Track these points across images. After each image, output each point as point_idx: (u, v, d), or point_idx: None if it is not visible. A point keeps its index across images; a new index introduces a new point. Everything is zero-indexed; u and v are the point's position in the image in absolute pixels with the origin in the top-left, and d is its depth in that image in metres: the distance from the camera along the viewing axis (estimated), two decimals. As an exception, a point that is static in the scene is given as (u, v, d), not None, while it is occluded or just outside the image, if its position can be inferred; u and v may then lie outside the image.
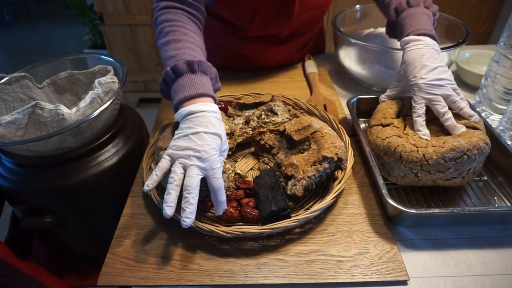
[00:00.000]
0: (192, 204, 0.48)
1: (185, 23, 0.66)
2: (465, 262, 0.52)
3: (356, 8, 1.05)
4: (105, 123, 0.70)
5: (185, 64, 0.57)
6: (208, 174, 0.51)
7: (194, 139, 0.52)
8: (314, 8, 0.89)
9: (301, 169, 0.57)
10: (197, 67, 0.58)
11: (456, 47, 0.82)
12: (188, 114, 0.55)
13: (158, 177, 0.52)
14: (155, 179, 0.51)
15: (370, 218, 0.58)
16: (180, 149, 0.52)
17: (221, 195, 0.51)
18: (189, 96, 0.56)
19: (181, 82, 0.57)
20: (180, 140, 0.53)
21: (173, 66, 0.57)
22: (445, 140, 0.56)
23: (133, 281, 0.50)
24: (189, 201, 0.48)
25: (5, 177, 0.66)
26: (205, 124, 0.53)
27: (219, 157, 0.53)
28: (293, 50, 1.03)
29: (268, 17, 0.85)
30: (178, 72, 0.57)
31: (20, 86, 0.73)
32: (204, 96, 0.57)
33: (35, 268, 0.76)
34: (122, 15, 2.03)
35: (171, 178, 0.50)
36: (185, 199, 0.49)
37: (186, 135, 0.53)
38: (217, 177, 0.51)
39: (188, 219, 0.48)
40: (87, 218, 0.74)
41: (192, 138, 0.52)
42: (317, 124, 0.64)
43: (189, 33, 0.65)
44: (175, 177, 0.50)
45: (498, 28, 2.17)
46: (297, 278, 0.50)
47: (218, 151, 0.53)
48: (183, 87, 0.57)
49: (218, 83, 0.64)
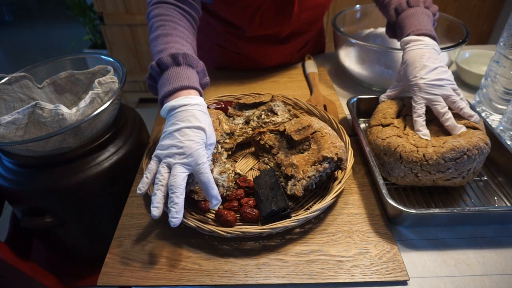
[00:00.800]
0: (178, 203, 0.48)
1: (176, 18, 0.65)
2: (465, 262, 0.52)
3: (356, 8, 1.05)
4: (105, 123, 0.70)
5: (169, 57, 0.56)
6: (194, 170, 0.50)
7: (177, 136, 0.51)
8: (314, 8, 0.89)
9: (301, 169, 0.57)
10: (182, 59, 0.57)
11: (456, 47, 0.82)
12: (171, 110, 0.54)
13: (149, 180, 0.51)
14: (146, 182, 0.51)
15: (370, 218, 0.58)
16: (164, 148, 0.52)
17: (211, 189, 0.51)
18: (173, 90, 0.54)
19: (166, 76, 0.56)
20: (164, 139, 0.52)
21: (158, 59, 0.56)
22: (445, 140, 0.57)
23: (133, 281, 0.50)
24: (173, 200, 0.48)
25: (5, 177, 0.66)
26: (187, 118, 0.52)
27: (205, 151, 0.52)
28: (293, 50, 1.03)
29: (267, 17, 0.85)
30: (163, 66, 0.56)
31: (20, 86, 0.73)
32: (187, 88, 0.55)
33: (35, 268, 0.76)
34: (122, 15, 2.02)
35: (157, 179, 0.50)
36: (170, 199, 0.48)
37: (169, 132, 0.52)
38: (204, 172, 0.50)
39: (175, 219, 0.48)
40: (87, 218, 0.74)
41: (175, 135, 0.51)
42: (317, 124, 0.64)
43: (179, 28, 0.63)
44: (160, 177, 0.50)
45: (498, 28, 2.17)
46: (297, 278, 0.50)
47: (202, 145, 0.52)
48: (168, 80, 0.55)
49: (206, 78, 0.62)
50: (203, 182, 0.51)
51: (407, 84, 0.66)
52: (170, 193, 0.49)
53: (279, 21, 0.87)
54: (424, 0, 0.74)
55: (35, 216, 0.68)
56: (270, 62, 1.03)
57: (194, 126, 0.52)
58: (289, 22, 0.87)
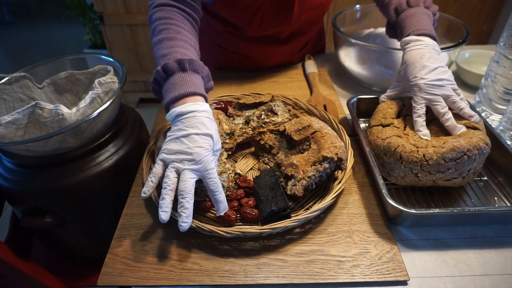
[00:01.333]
0: (188, 208, 0.48)
1: (179, 21, 0.65)
2: (465, 262, 0.52)
3: (356, 8, 1.05)
4: (105, 123, 0.70)
5: (175, 62, 0.56)
6: (203, 176, 0.51)
7: (186, 142, 0.51)
8: (314, 9, 0.89)
9: (301, 169, 0.57)
10: (188, 65, 0.57)
11: (456, 47, 0.82)
12: (178, 115, 0.54)
13: (154, 183, 0.52)
14: (151, 185, 0.52)
15: (370, 218, 0.58)
16: (172, 152, 0.52)
17: (219, 194, 0.51)
18: (179, 96, 0.55)
19: (171, 81, 0.56)
20: (171, 143, 0.53)
21: (163, 65, 0.57)
22: (445, 141, 0.57)
23: (133, 281, 0.50)
24: (184, 205, 0.48)
25: (5, 177, 0.66)
26: (196, 125, 0.53)
27: (212, 157, 0.53)
28: (293, 50, 1.03)
29: (268, 18, 0.85)
30: (169, 71, 0.57)
31: (20, 86, 0.73)
32: (194, 95, 0.56)
33: (35, 268, 0.76)
34: (122, 15, 2.03)
35: (165, 183, 0.50)
36: (180, 204, 0.49)
37: (177, 137, 0.52)
38: (212, 178, 0.51)
39: (185, 223, 0.48)
40: (87, 218, 0.74)
41: (183, 141, 0.52)
42: (317, 124, 0.64)
43: (183, 32, 0.64)
44: (169, 182, 0.50)
45: (498, 28, 2.17)
46: (297, 278, 0.50)
47: (210, 151, 0.52)
48: (174, 86, 0.56)
49: (211, 82, 0.63)
50: (211, 188, 0.51)
51: (407, 84, 0.66)
52: (180, 198, 0.49)
53: (279, 21, 0.87)
54: (424, 0, 0.74)
55: (35, 216, 0.68)
56: (270, 62, 1.03)
57: (203, 133, 0.52)
58: (289, 22, 0.87)
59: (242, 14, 0.85)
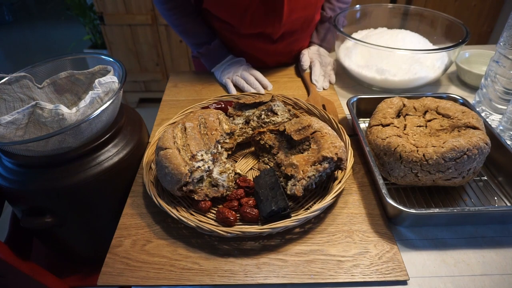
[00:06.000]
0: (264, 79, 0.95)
1: (190, 18, 0.94)
2: (464, 262, 0.52)
3: (356, 8, 1.05)
4: (105, 123, 0.70)
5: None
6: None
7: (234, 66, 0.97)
8: (303, 9, 0.90)
9: (301, 169, 0.57)
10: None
11: (456, 47, 0.82)
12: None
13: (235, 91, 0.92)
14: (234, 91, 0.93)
15: (370, 218, 0.58)
16: (232, 71, 0.97)
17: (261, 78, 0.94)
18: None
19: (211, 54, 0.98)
20: (230, 67, 0.98)
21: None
22: (445, 140, 0.57)
23: (133, 281, 0.50)
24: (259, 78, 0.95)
25: (5, 177, 0.66)
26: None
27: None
28: (289, 49, 1.03)
29: (258, 16, 0.87)
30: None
31: (20, 86, 0.73)
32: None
33: (35, 268, 0.76)
34: (122, 15, 2.03)
35: (244, 80, 0.95)
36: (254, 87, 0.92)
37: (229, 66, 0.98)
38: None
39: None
40: (87, 218, 0.74)
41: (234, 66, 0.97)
42: (317, 124, 0.64)
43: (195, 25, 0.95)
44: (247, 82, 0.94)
45: (498, 28, 2.17)
46: (297, 278, 0.50)
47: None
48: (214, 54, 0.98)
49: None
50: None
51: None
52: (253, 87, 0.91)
53: (270, 20, 0.88)
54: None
55: (35, 216, 0.68)
56: (270, 62, 1.03)
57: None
58: (280, 21, 0.88)
59: (232, 12, 0.88)
